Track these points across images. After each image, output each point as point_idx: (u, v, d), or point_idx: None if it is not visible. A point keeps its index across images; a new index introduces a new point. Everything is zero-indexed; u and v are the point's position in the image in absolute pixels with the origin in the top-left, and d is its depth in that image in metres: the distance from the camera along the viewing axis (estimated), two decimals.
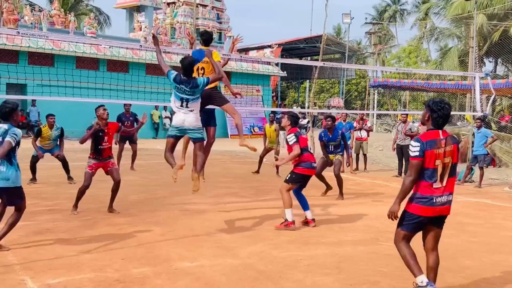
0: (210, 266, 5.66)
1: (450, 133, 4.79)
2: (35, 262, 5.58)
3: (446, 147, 4.59)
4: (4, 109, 5.98)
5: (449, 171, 4.63)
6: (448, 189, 4.65)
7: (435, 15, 44.85)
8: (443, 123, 4.64)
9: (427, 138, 4.58)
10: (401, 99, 43.14)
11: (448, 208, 4.69)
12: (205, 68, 7.84)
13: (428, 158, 4.55)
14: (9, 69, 20.56)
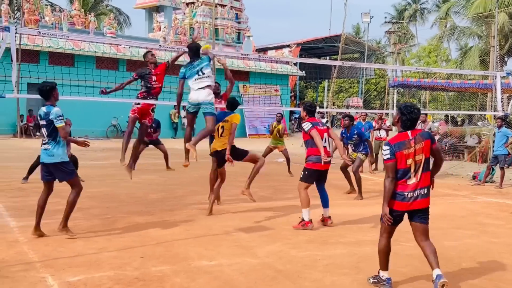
0: (229, 265, 5.66)
1: (421, 130, 5.09)
2: (55, 259, 5.64)
3: (416, 146, 4.90)
4: (45, 88, 6.58)
5: (423, 166, 4.93)
6: (422, 183, 4.94)
7: (456, 14, 44.43)
8: (411, 126, 4.97)
9: (395, 141, 4.95)
10: (421, 99, 42.79)
11: (423, 201, 4.95)
12: (224, 127, 8.29)
13: (399, 159, 4.89)
14: (30, 68, 20.80)
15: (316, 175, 7.65)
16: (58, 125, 6.36)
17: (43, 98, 6.64)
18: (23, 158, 15.70)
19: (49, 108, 6.49)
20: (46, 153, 6.46)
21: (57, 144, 6.44)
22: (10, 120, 24.10)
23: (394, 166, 4.90)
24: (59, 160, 6.46)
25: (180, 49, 9.52)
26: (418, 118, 5.00)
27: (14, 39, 7.71)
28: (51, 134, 6.43)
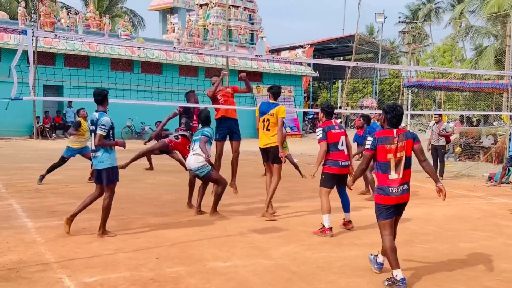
0: (243, 266, 5.68)
1: (406, 131, 5.44)
2: (72, 260, 5.70)
3: (399, 143, 5.27)
4: (102, 95, 6.86)
5: (404, 164, 5.29)
6: (403, 180, 5.30)
7: (470, 13, 44.09)
8: (397, 123, 5.35)
9: (380, 135, 5.33)
10: (436, 99, 42.50)
11: (405, 196, 5.34)
12: (270, 120, 8.23)
13: (379, 152, 5.28)
14: (46, 71, 20.99)
15: (334, 179, 7.51)
16: (98, 132, 6.65)
17: (97, 104, 6.91)
18: (39, 159, 15.88)
19: (102, 115, 6.78)
20: (96, 160, 6.77)
21: (105, 151, 6.74)
22: (26, 122, 24.35)
23: (370, 156, 5.35)
24: (108, 166, 6.75)
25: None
26: (402, 115, 5.35)
27: (31, 42, 7.79)
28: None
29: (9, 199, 9.23)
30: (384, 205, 5.28)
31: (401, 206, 5.41)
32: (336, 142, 7.46)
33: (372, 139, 5.33)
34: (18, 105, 12.46)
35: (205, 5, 34.31)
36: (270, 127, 8.18)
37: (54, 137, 24.50)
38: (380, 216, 5.32)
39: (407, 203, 5.44)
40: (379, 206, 5.31)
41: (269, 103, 8.37)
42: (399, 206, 5.37)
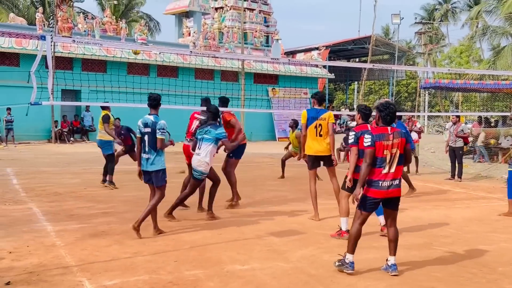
0: (261, 269, 5.69)
1: (399, 129, 5.65)
2: (91, 264, 5.75)
3: (394, 140, 5.55)
4: (157, 99, 7.19)
5: (397, 160, 5.55)
6: (395, 175, 5.55)
7: (487, 14, 43.70)
8: (391, 120, 5.63)
9: (377, 132, 5.59)
10: (453, 100, 42.16)
11: (396, 191, 5.57)
12: (322, 125, 8.26)
13: (377, 148, 5.52)
14: (64, 76, 21.23)
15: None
16: (159, 137, 6.96)
17: (151, 107, 7.18)
18: (57, 163, 16.05)
19: (157, 118, 7.07)
20: (148, 162, 7.06)
21: (157, 154, 7.05)
22: (45, 126, 24.60)
23: (373, 153, 5.53)
24: (159, 168, 7.06)
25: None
26: (395, 113, 5.63)
27: (50, 47, 7.89)
28: (152, 144, 7.02)
29: (29, 203, 9.34)
30: (373, 198, 5.55)
31: (392, 201, 5.63)
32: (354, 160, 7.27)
33: (370, 136, 5.57)
34: (37, 109, 12.64)
35: (221, 9, 34.43)
36: (323, 132, 8.22)
37: (72, 141, 24.73)
38: (362, 206, 5.62)
39: (399, 198, 5.65)
40: (367, 198, 5.57)
41: (316, 109, 8.41)
42: (389, 200, 5.60)
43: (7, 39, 23.45)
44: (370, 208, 5.63)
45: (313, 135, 8.25)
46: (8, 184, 11.68)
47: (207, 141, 7.81)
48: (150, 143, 7.03)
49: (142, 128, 7.12)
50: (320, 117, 8.25)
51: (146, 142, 7.07)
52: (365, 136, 5.68)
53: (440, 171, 16.10)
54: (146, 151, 7.08)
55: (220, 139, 7.88)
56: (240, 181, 10.13)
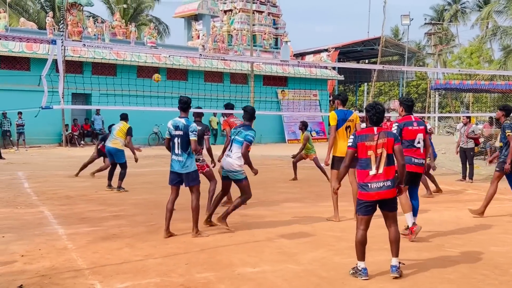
0: (272, 271, 5.68)
1: (387, 129, 5.69)
2: (103, 266, 5.77)
3: (379, 140, 5.45)
4: (188, 103, 7.27)
5: (385, 161, 5.44)
6: (385, 176, 5.43)
7: (498, 14, 43.44)
8: (378, 120, 5.56)
9: (361, 133, 5.58)
10: (464, 101, 41.95)
11: (387, 192, 5.43)
12: (351, 126, 8.35)
13: (360, 149, 5.49)
14: (74, 79, 21.33)
15: (408, 176, 7.13)
16: (192, 138, 7.04)
17: (182, 110, 7.26)
18: (68, 166, 16.13)
19: (188, 121, 7.17)
20: (180, 164, 7.13)
21: (189, 156, 7.14)
22: (56, 130, 24.76)
23: (352, 154, 5.56)
24: (192, 170, 7.18)
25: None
26: (382, 112, 5.57)
27: (61, 51, 7.94)
28: (183, 146, 7.10)
29: (40, 206, 9.40)
30: (364, 201, 5.48)
31: (387, 202, 5.50)
32: (412, 140, 7.29)
33: (353, 137, 5.59)
34: (48, 113, 12.71)
35: (229, 11, 34.51)
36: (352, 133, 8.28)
37: (82, 145, 24.86)
38: (358, 211, 5.57)
39: (394, 198, 5.52)
40: (359, 201, 5.54)
41: (343, 110, 8.46)
42: (382, 202, 5.49)
43: (18, 44, 23.65)
44: (366, 211, 5.51)
45: (344, 137, 8.26)
46: (20, 187, 11.77)
47: (237, 142, 7.63)
48: (182, 146, 7.10)
49: (173, 131, 7.17)
50: (349, 118, 8.35)
51: (177, 144, 7.13)
52: (350, 137, 5.69)
53: (451, 172, 16.00)
54: (177, 153, 7.15)
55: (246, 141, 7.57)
56: (250, 183, 10.13)
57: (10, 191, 11.14)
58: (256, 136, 8.46)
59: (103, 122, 25.70)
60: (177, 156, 7.15)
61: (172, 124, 7.22)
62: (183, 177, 7.18)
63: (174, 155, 7.18)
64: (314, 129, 32.48)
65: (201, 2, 33.03)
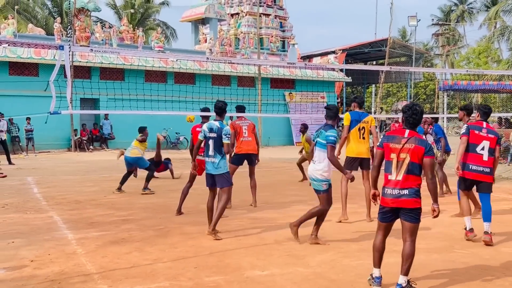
0: (281, 274, 5.67)
1: (421, 136, 5.14)
2: (112, 271, 5.78)
3: (406, 145, 5.04)
4: (222, 108, 7.51)
5: (407, 168, 5.03)
6: (403, 184, 5.03)
7: (505, 13, 43.24)
8: (415, 122, 5.15)
9: (390, 134, 5.32)
10: (472, 101, 41.76)
11: (404, 201, 5.02)
12: (365, 128, 8.54)
13: (385, 150, 5.19)
14: (83, 84, 21.44)
15: (466, 182, 7.32)
16: (225, 141, 7.29)
17: (217, 114, 7.53)
18: (77, 171, 16.20)
19: (222, 124, 7.41)
20: (213, 166, 7.37)
21: (222, 158, 7.36)
22: (64, 135, 24.87)
23: (380, 154, 5.26)
24: (224, 171, 7.41)
25: None
26: (420, 114, 5.14)
27: (68, 57, 7.97)
28: (217, 148, 7.33)
29: (50, 211, 9.43)
30: (381, 206, 5.20)
31: (403, 212, 5.07)
32: (475, 144, 7.18)
33: (382, 137, 5.43)
34: (56, 118, 12.77)
35: (236, 15, 34.56)
36: (366, 135, 8.46)
37: (91, 150, 24.95)
38: (378, 216, 5.28)
39: (414, 209, 5.06)
40: (380, 206, 5.24)
41: (358, 112, 8.64)
42: (398, 211, 5.10)
43: (26, 50, 23.80)
44: (383, 218, 5.19)
45: (357, 138, 8.48)
46: (29, 193, 11.82)
47: (320, 145, 7.01)
48: (215, 147, 7.34)
49: (207, 133, 7.44)
50: (363, 120, 8.51)
51: (211, 146, 7.39)
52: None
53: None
54: (211, 155, 7.39)
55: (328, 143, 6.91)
56: (259, 186, 10.15)
57: (19, 196, 11.20)
58: (264, 138, 8.47)
59: (112, 126, 25.80)
60: (210, 158, 7.40)
61: (207, 126, 7.49)
62: (216, 178, 7.41)
63: (208, 156, 7.44)
64: None
65: (208, 6, 33.10)
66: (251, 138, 9.94)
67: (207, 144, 7.46)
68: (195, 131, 8.95)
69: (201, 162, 8.89)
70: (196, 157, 8.01)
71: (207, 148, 7.46)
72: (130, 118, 25.23)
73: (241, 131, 9.91)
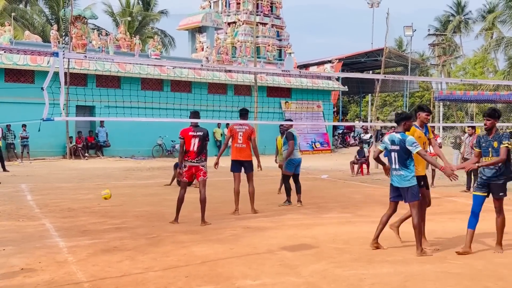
0: (273, 284, 5.63)
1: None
2: (103, 279, 5.74)
3: None
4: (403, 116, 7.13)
5: None
6: None
7: (502, 24, 43.45)
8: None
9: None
10: (468, 111, 41.86)
11: None
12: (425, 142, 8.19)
13: None
14: (78, 91, 21.41)
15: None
16: (416, 151, 6.83)
17: (397, 123, 7.14)
18: (71, 179, 16.15)
19: (404, 135, 6.99)
20: (401, 178, 6.99)
21: (408, 170, 6.96)
22: (60, 142, 24.81)
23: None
24: (413, 184, 6.98)
25: None
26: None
27: (62, 64, 7.95)
28: (401, 160, 6.95)
29: (42, 219, 9.38)
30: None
31: None
32: None
33: None
34: (51, 125, 12.73)
35: (233, 23, 34.64)
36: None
37: (87, 157, 24.88)
38: None
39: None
40: None
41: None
42: None
43: (22, 57, 23.77)
44: None
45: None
46: (23, 200, 11.76)
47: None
48: (399, 160, 6.98)
49: (389, 145, 7.10)
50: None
51: (394, 159, 7.04)
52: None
53: (456, 183, 15.86)
54: (396, 168, 7.03)
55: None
56: (261, 193, 10.13)
57: (12, 203, 11.14)
58: (260, 146, 8.44)
59: (107, 134, 25.75)
60: (395, 171, 7.05)
61: (388, 138, 7.19)
62: (403, 191, 7.05)
63: (393, 169, 7.11)
64: (318, 140, 32.45)
65: (205, 15, 33.17)
66: (245, 145, 9.91)
67: (390, 157, 7.09)
68: (187, 135, 8.97)
69: (190, 167, 8.92)
70: (185, 163, 7.94)
71: (390, 161, 7.11)
72: (126, 125, 25.20)
73: (236, 136, 9.89)
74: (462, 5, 60.48)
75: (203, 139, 8.91)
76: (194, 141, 8.88)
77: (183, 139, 8.98)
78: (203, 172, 8.98)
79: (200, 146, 8.89)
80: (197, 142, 8.86)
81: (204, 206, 8.99)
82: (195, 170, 8.99)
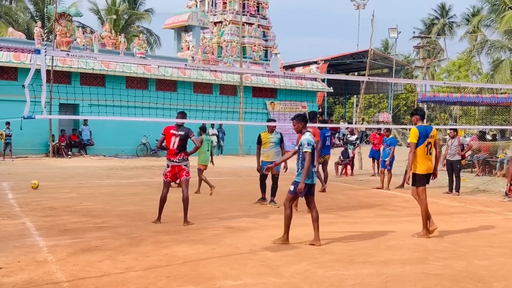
0: (254, 285, 5.62)
1: None
2: (82, 279, 5.68)
3: None
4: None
5: None
6: None
7: (486, 28, 43.88)
8: None
9: None
10: (452, 114, 42.21)
11: None
12: (431, 143, 8.37)
13: None
14: (62, 89, 21.23)
15: None
16: None
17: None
18: (54, 177, 15.99)
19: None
20: None
21: None
22: (42, 140, 24.56)
23: None
24: None
25: None
26: None
27: (44, 61, 7.87)
28: None
29: (23, 218, 9.27)
30: None
31: None
32: None
33: None
34: (34, 123, 12.62)
35: (219, 23, 34.57)
36: (432, 150, 8.36)
37: (70, 155, 24.67)
38: None
39: None
40: None
41: (424, 126, 8.46)
42: None
43: (6, 54, 23.52)
44: None
45: (424, 154, 8.28)
46: (3, 198, 11.62)
47: None
48: None
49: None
50: (430, 134, 8.34)
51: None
52: None
53: (438, 185, 16.03)
54: None
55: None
56: (236, 195, 10.10)
57: None
58: (245, 147, 8.42)
59: (91, 132, 25.55)
60: None
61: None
62: None
63: None
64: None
65: (191, 14, 33.05)
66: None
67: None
68: (168, 132, 8.93)
69: (173, 167, 8.88)
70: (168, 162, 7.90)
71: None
72: (110, 124, 25.03)
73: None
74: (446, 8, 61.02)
75: (183, 139, 8.89)
76: (174, 140, 8.87)
77: (164, 136, 8.99)
78: (186, 172, 8.97)
79: (180, 145, 8.88)
80: (177, 141, 8.85)
81: (186, 205, 8.97)
82: (178, 170, 8.97)
